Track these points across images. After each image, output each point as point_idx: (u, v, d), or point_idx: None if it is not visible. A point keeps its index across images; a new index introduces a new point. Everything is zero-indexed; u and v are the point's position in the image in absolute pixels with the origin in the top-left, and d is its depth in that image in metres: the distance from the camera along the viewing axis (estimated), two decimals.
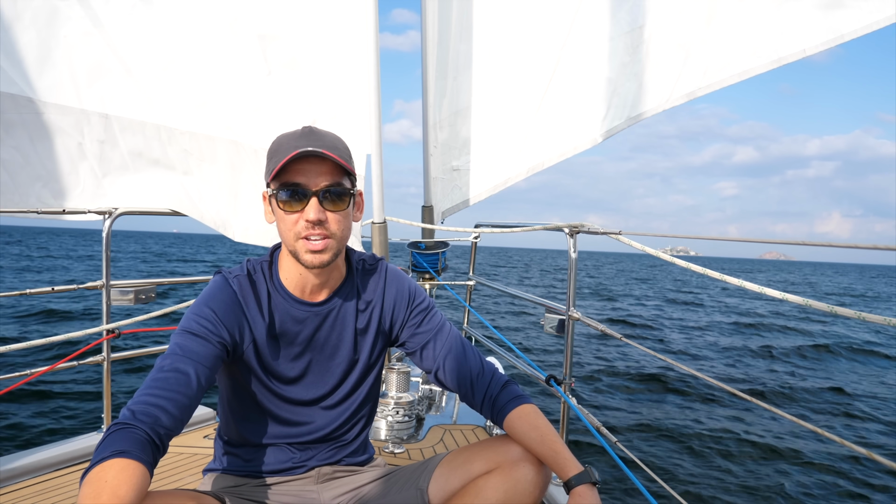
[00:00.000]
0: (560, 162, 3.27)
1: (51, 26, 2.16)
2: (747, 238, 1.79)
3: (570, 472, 1.30)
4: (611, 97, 2.96)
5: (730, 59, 2.58)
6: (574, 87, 3.11)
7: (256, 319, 1.38)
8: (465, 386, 1.49)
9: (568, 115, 3.16)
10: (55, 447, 2.41)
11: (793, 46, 2.45)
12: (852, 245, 1.42)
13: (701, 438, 6.73)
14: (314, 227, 1.31)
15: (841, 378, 10.71)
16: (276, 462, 1.47)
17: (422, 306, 1.55)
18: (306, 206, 1.30)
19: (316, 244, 1.31)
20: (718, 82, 2.63)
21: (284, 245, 1.37)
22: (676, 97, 2.78)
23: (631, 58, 2.86)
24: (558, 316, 2.48)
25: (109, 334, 2.64)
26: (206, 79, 2.53)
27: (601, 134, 3.02)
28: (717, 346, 13.68)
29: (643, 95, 2.87)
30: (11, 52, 2.08)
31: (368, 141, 2.90)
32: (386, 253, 3.01)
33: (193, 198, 2.56)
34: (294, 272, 1.41)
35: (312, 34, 2.72)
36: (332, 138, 1.34)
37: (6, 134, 2.11)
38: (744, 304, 25.65)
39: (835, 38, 2.34)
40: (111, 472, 1.00)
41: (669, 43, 2.75)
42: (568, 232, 2.39)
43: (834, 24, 2.34)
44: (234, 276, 1.40)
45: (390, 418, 2.75)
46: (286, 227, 1.33)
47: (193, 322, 1.30)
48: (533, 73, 3.23)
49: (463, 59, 3.40)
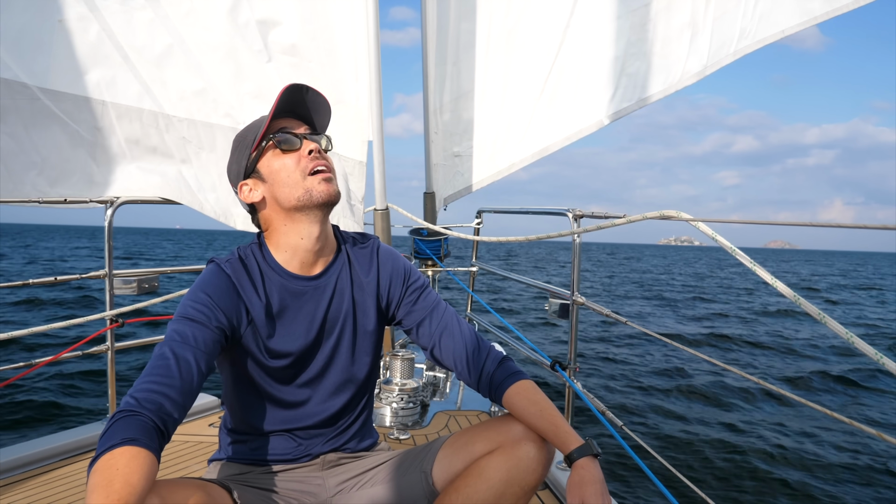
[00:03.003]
0: (565, 147, 3.25)
1: (45, 10, 2.11)
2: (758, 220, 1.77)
3: (571, 445, 1.30)
4: (619, 77, 2.93)
5: (734, 34, 2.60)
6: (579, 68, 3.07)
7: (253, 300, 1.37)
8: (461, 363, 1.48)
9: (573, 98, 3.13)
10: (60, 437, 2.42)
11: (799, 16, 2.46)
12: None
13: (706, 422, 6.75)
14: (320, 157, 1.37)
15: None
16: (281, 450, 1.47)
17: (417, 284, 1.55)
18: (302, 146, 1.37)
19: (326, 173, 1.36)
20: (728, 56, 2.63)
21: (289, 198, 1.36)
22: (688, 77, 2.78)
23: (638, 37, 2.85)
24: (562, 300, 2.48)
25: (113, 323, 2.64)
26: (204, 65, 2.49)
27: (608, 116, 2.99)
28: (726, 336, 13.69)
29: (653, 76, 2.87)
30: (5, 37, 2.04)
31: (369, 127, 2.88)
32: (388, 240, 3.00)
33: (192, 187, 2.53)
34: (288, 246, 1.40)
35: (312, 19, 2.69)
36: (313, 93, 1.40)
37: (0, 121, 2.07)
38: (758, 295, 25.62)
39: (840, 7, 2.34)
40: (122, 461, 0.98)
41: (677, 21, 2.75)
42: (572, 217, 2.39)
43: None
44: (226, 261, 1.39)
45: (395, 405, 2.75)
46: (290, 170, 1.36)
47: (190, 308, 1.29)
48: (536, 55, 3.19)
49: (463, 43, 3.37)
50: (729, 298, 23.29)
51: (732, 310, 18.76)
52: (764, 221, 1.69)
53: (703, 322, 15.68)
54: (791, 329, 14.48)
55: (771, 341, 12.58)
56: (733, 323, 15.63)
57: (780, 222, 1.59)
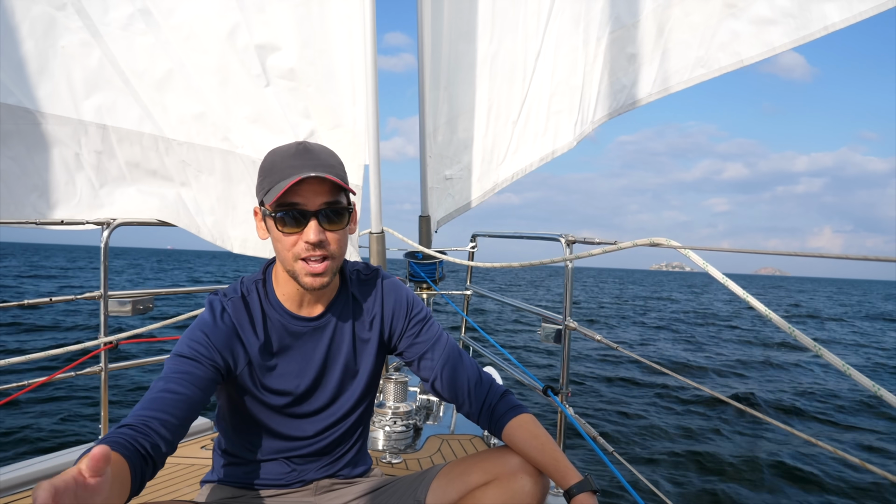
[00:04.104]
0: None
1: (48, 37, 2.16)
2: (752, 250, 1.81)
3: (570, 480, 1.31)
4: (580, 102, 3.28)
5: (674, 69, 2.89)
6: (548, 95, 3.37)
7: (251, 340, 1.38)
8: (462, 396, 1.49)
9: (545, 122, 3.41)
10: (53, 458, 2.40)
11: (729, 58, 2.71)
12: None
13: (697, 448, 6.73)
14: (314, 249, 1.29)
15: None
16: (274, 475, 1.47)
17: (420, 316, 1.55)
18: (305, 228, 1.29)
19: (316, 266, 1.30)
20: (663, 90, 2.94)
21: (282, 264, 1.36)
22: (629, 103, 3.18)
23: (591, 66, 3.19)
24: (555, 326, 2.49)
25: (107, 345, 2.64)
26: (203, 89, 2.53)
27: (575, 138, 3.27)
28: (715, 360, 13.69)
29: (602, 100, 3.25)
30: (8, 63, 2.08)
31: (366, 152, 2.91)
32: (384, 263, 3.02)
33: (191, 209, 2.56)
34: (289, 287, 1.41)
35: (310, 44, 2.72)
36: (326, 155, 1.33)
37: (3, 144, 2.11)
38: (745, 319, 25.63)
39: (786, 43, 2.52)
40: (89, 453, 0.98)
41: (622, 54, 3.12)
42: (564, 242, 2.41)
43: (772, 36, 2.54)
44: (228, 298, 1.39)
45: (388, 428, 2.74)
46: (284, 248, 1.31)
47: (186, 347, 1.30)
48: (514, 80, 3.43)
49: (453, 69, 3.50)
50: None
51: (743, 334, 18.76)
52: (753, 251, 1.72)
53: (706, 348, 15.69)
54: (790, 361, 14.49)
55: (762, 365, 12.59)
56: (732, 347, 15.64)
57: (768, 251, 1.62)
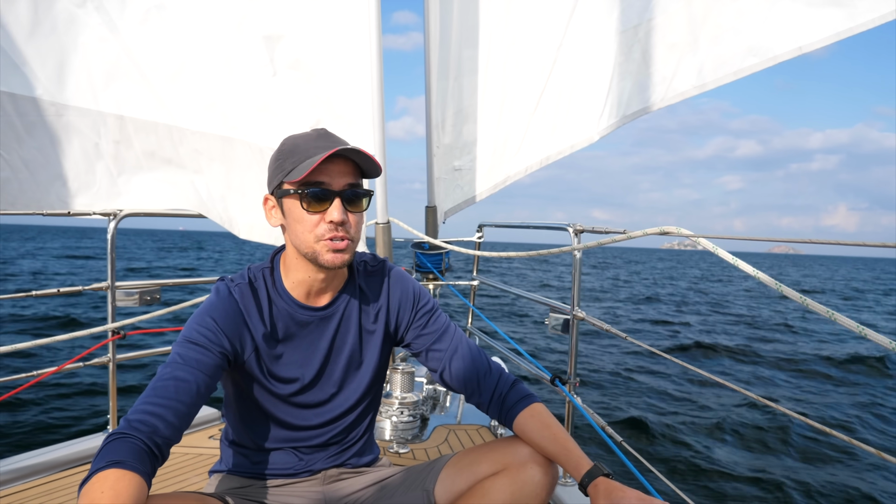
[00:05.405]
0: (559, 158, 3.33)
1: (70, 33, 2.26)
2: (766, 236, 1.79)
3: (583, 469, 1.30)
4: (606, 96, 3.00)
5: (722, 59, 2.61)
6: (570, 87, 3.16)
7: (258, 327, 1.37)
8: (471, 386, 1.48)
9: (565, 115, 3.20)
10: (61, 448, 2.43)
11: (787, 44, 2.45)
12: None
13: (706, 436, 6.72)
14: (337, 230, 1.30)
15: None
16: (282, 465, 1.47)
17: (427, 307, 1.54)
18: (329, 207, 1.29)
19: (339, 244, 1.30)
20: (712, 82, 2.64)
21: (299, 247, 1.34)
22: (671, 96, 2.82)
23: (625, 57, 2.91)
24: (563, 315, 2.48)
25: (115, 335, 2.65)
26: (214, 80, 2.59)
27: (598, 132, 3.06)
28: (724, 344, 13.64)
29: (636, 94, 2.92)
30: (33, 58, 2.18)
31: (371, 141, 2.91)
32: (390, 253, 3.01)
33: (203, 196, 2.63)
34: (299, 276, 1.39)
35: (316, 35, 2.73)
36: (345, 140, 1.34)
37: (28, 135, 2.21)
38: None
39: (830, 37, 2.32)
40: (108, 483, 0.99)
41: (662, 43, 2.80)
42: (572, 232, 2.40)
43: (828, 23, 2.33)
44: (235, 284, 1.39)
45: (395, 419, 2.75)
46: (305, 229, 1.30)
47: (194, 331, 1.29)
48: (531, 74, 3.28)
49: (465, 61, 3.44)
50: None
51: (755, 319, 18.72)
52: (763, 238, 1.70)
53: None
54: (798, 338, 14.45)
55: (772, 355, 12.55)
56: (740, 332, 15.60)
57: (780, 239, 1.61)
